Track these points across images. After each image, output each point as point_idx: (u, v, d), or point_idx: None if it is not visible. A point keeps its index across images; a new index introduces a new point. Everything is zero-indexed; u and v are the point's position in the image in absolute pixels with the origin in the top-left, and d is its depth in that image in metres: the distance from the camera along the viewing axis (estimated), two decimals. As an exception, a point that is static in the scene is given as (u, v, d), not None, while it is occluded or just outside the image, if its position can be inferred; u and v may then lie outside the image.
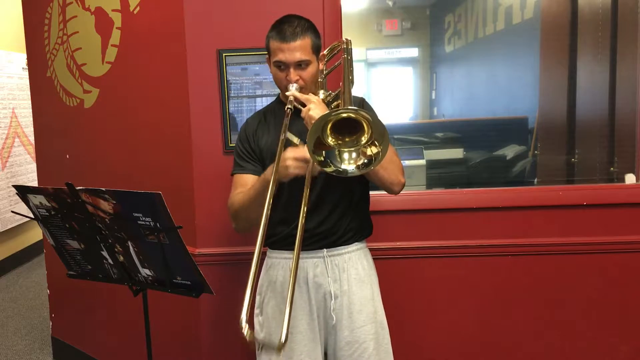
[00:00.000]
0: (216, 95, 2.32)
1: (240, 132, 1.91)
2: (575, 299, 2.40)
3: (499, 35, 4.94)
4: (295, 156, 1.60)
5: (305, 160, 1.59)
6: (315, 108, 1.63)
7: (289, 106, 1.68)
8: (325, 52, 1.92)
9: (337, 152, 1.52)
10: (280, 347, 1.42)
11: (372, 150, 1.50)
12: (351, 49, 1.87)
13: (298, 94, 1.70)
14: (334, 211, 1.81)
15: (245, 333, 1.33)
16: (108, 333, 2.94)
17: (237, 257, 2.31)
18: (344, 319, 1.81)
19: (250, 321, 1.94)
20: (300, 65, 1.73)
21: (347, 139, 1.52)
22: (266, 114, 1.91)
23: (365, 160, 1.52)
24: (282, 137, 1.61)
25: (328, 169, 1.53)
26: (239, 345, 2.46)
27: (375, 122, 1.46)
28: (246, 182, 1.82)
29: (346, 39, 1.90)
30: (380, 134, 1.47)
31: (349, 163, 1.52)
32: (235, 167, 1.88)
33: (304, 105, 1.67)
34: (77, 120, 2.85)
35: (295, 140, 1.67)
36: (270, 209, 1.84)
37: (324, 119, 1.47)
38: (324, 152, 1.52)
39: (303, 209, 1.60)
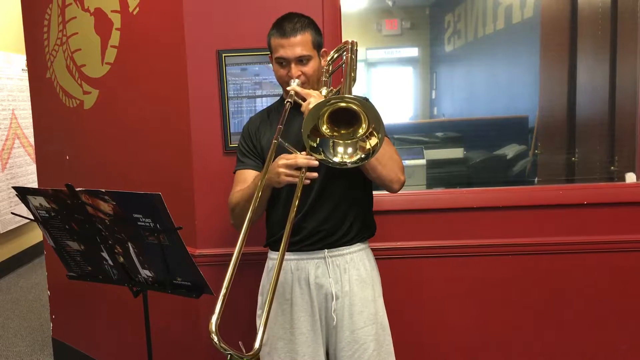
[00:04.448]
0: (216, 96, 2.32)
1: (243, 130, 1.93)
2: (576, 298, 2.40)
3: (499, 34, 4.94)
4: (286, 163, 1.59)
5: (297, 168, 1.59)
6: (315, 102, 1.63)
7: (289, 100, 1.69)
8: (332, 52, 1.93)
9: (331, 143, 1.54)
10: (256, 355, 1.38)
11: (369, 143, 1.51)
12: (356, 49, 1.88)
13: (299, 89, 1.71)
14: (334, 210, 1.81)
15: (215, 340, 1.35)
16: (108, 334, 2.94)
17: (238, 257, 2.30)
18: (345, 319, 1.81)
19: (252, 322, 1.95)
20: (302, 60, 1.74)
21: (343, 132, 1.53)
22: (270, 113, 1.92)
23: (362, 155, 1.53)
24: (274, 141, 1.61)
25: (318, 156, 1.55)
26: (238, 346, 2.45)
27: (371, 111, 1.47)
28: (246, 178, 1.82)
29: (352, 41, 1.91)
30: (377, 123, 1.48)
31: (342, 157, 1.54)
32: (237, 164, 1.89)
33: (304, 100, 1.68)
34: (77, 121, 2.85)
35: (288, 146, 1.65)
36: (270, 209, 1.85)
37: (321, 106, 1.48)
38: (318, 139, 1.53)
39: (292, 210, 1.59)
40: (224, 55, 2.28)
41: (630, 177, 2.52)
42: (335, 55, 1.95)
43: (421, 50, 7.57)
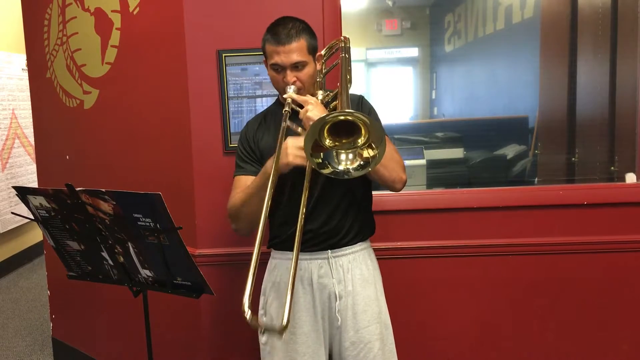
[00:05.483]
0: (216, 96, 2.32)
1: (241, 135, 1.92)
2: (576, 299, 2.40)
3: (499, 34, 4.94)
4: (296, 145, 1.60)
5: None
6: (313, 109, 1.63)
7: (287, 108, 1.68)
8: (323, 51, 1.92)
9: (334, 154, 1.52)
10: (282, 330, 1.42)
11: (369, 153, 1.50)
12: (349, 47, 1.87)
13: (295, 96, 1.70)
14: (336, 210, 1.81)
15: (247, 318, 1.36)
16: (108, 334, 2.94)
17: (238, 257, 2.31)
18: (349, 319, 1.81)
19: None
20: (297, 66, 1.73)
21: (344, 141, 1.52)
22: (266, 116, 1.91)
23: (362, 162, 1.51)
24: (283, 124, 1.61)
25: (325, 171, 1.53)
26: (239, 345, 2.46)
27: (371, 125, 1.46)
28: (246, 183, 1.81)
29: (344, 37, 1.90)
30: (377, 136, 1.47)
31: (345, 165, 1.52)
32: (236, 169, 1.88)
33: (301, 107, 1.67)
34: (77, 121, 2.85)
35: (298, 129, 1.67)
36: (272, 209, 1.85)
37: (320, 123, 1.47)
38: (321, 154, 1.52)
39: (302, 205, 1.59)
40: (224, 55, 2.28)
41: (630, 178, 2.52)
42: (327, 54, 1.94)
43: (421, 50, 7.58)
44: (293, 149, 1.61)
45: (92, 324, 3.02)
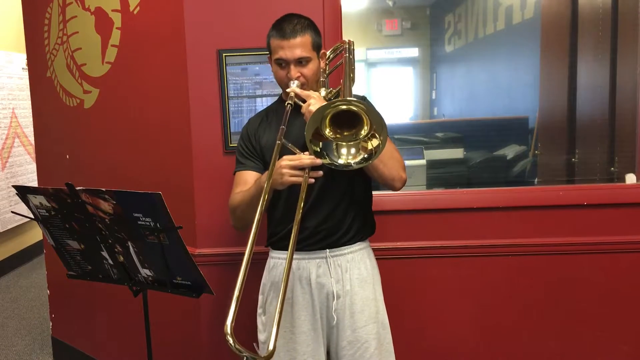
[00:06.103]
0: (216, 95, 2.32)
1: (242, 131, 1.93)
2: (576, 299, 2.40)
3: (499, 35, 4.95)
4: (290, 164, 1.59)
5: (301, 169, 1.59)
6: (315, 103, 1.63)
7: (289, 102, 1.69)
8: (328, 52, 1.93)
9: (334, 146, 1.54)
10: (269, 357, 1.38)
11: (372, 144, 1.52)
12: (353, 49, 1.88)
13: (299, 90, 1.72)
14: (335, 209, 1.81)
15: (230, 342, 1.32)
16: (108, 333, 2.94)
17: (238, 257, 2.28)
18: (346, 318, 1.81)
19: (252, 323, 1.95)
20: (301, 62, 1.75)
21: (345, 133, 1.53)
22: (268, 113, 1.92)
23: (365, 155, 1.53)
24: (277, 142, 1.61)
25: (324, 161, 1.55)
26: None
27: (373, 113, 1.47)
28: (246, 180, 1.82)
29: (349, 40, 1.91)
30: (379, 125, 1.48)
31: (347, 158, 1.54)
32: (237, 165, 1.89)
33: (304, 102, 1.68)
34: (77, 120, 2.85)
35: (292, 147, 1.66)
36: (271, 207, 1.85)
37: (323, 110, 1.49)
38: (320, 143, 1.54)
39: (298, 212, 1.59)
40: (224, 54, 2.28)
41: (630, 178, 2.52)
42: (332, 55, 1.95)
43: (421, 51, 7.59)
44: (287, 169, 1.60)
45: (92, 323, 3.02)
